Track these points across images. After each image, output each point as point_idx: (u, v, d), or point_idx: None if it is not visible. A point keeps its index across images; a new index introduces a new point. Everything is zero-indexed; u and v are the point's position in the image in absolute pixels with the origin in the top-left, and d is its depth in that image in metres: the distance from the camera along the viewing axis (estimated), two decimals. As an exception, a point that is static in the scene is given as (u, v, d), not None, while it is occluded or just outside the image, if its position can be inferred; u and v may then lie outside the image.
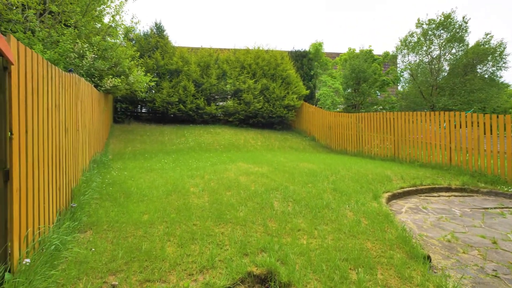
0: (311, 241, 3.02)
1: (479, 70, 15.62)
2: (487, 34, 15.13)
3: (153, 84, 12.15)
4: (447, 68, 16.47)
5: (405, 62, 17.71)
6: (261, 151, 10.46)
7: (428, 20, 16.02)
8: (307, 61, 17.06)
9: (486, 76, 15.60)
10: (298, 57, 17.05)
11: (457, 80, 15.48)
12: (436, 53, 16.32)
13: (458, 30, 15.43)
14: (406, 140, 8.89)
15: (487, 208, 4.89)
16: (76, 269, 2.35)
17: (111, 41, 9.12)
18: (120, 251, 2.66)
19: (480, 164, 6.85)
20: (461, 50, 15.77)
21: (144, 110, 14.20)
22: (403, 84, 19.32)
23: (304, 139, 13.32)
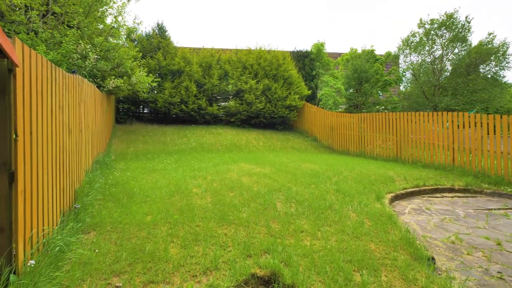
0: (315, 243, 3.01)
1: (482, 70, 15.55)
2: (490, 33, 15.05)
3: (155, 85, 12.18)
4: (450, 68, 16.39)
5: (407, 62, 17.68)
6: (263, 151, 10.45)
7: (430, 20, 15.96)
8: (309, 61, 17.04)
9: (489, 76, 15.53)
10: (300, 57, 17.04)
11: (460, 80, 15.41)
12: (438, 53, 16.26)
13: (461, 30, 15.36)
14: (409, 141, 8.85)
15: (491, 209, 4.86)
16: (80, 271, 2.36)
17: (114, 41, 9.16)
18: (124, 252, 2.66)
19: (483, 164, 6.81)
20: (463, 50, 15.69)
21: (146, 110, 14.25)
22: (405, 84, 19.25)
23: (306, 139, 13.30)
